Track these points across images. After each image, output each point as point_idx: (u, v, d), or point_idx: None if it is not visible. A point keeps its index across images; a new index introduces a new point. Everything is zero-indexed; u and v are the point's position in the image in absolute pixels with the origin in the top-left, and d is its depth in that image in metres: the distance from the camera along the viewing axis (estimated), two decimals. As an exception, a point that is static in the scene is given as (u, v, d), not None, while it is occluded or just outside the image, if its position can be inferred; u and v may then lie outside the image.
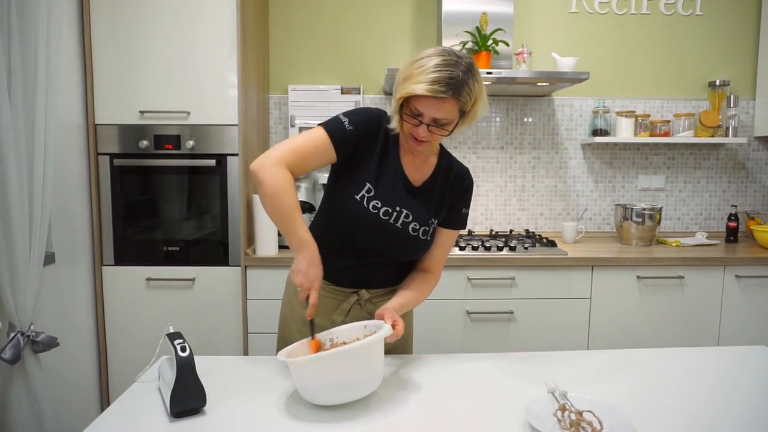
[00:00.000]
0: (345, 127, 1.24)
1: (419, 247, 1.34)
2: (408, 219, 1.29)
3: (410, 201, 1.30)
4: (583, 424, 0.97)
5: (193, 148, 2.26)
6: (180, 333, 1.12)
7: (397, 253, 1.33)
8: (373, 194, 1.26)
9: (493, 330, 2.35)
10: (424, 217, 1.32)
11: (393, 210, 1.28)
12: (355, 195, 1.26)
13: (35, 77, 1.62)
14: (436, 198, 1.34)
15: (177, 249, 2.31)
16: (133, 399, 1.14)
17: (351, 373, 1.04)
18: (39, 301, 1.75)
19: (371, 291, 1.37)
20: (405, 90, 1.16)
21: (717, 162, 2.96)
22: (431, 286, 1.39)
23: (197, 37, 2.22)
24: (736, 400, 1.14)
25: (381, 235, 1.28)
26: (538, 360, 1.36)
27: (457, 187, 1.37)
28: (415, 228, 1.30)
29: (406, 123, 1.22)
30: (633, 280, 2.35)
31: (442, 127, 1.20)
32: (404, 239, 1.30)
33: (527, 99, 2.89)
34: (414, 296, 1.33)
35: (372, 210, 1.26)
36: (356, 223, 1.27)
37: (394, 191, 1.29)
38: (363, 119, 1.27)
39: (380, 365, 1.10)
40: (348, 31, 2.81)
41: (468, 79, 1.16)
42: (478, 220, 2.94)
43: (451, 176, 1.36)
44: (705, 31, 2.89)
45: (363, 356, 1.05)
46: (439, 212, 1.36)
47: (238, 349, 2.33)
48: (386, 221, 1.27)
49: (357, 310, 1.37)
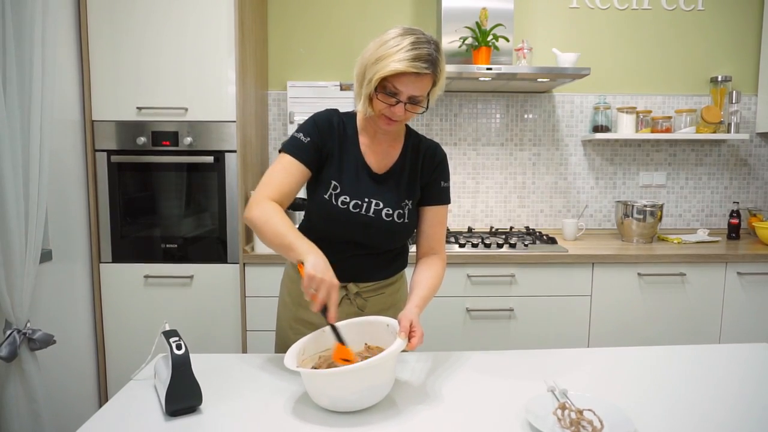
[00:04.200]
0: (302, 141, 1.29)
1: (398, 232, 1.35)
2: (379, 207, 1.32)
3: (377, 189, 1.33)
4: (583, 422, 0.96)
5: (191, 144, 2.24)
6: (176, 331, 1.11)
7: (378, 241, 1.35)
8: (340, 190, 1.30)
9: (493, 327, 2.33)
10: (396, 201, 1.33)
11: (362, 201, 1.31)
12: (324, 195, 1.30)
13: (31, 73, 1.61)
14: (405, 180, 1.36)
15: (175, 246, 2.29)
16: (128, 397, 1.12)
17: (363, 386, 1.03)
18: (36, 299, 1.74)
19: (359, 285, 1.38)
20: (385, 69, 1.16)
21: (719, 158, 2.95)
22: (440, 267, 1.39)
23: (195, 32, 2.20)
24: (738, 398, 1.13)
25: (356, 227, 1.32)
26: (537, 358, 1.35)
27: (428, 164, 1.38)
28: (388, 213, 1.32)
29: (381, 103, 1.22)
30: (634, 277, 2.34)
31: (417, 104, 1.23)
32: (379, 227, 1.32)
33: (527, 95, 2.87)
34: (430, 283, 1.33)
35: (341, 206, 1.30)
36: (330, 220, 1.32)
37: (359, 183, 1.32)
38: (315, 125, 1.31)
39: (392, 377, 1.10)
40: (347, 26, 2.79)
41: (438, 55, 1.22)
42: (478, 217, 2.92)
43: (421, 154, 1.38)
44: (707, 27, 2.87)
45: (376, 371, 1.04)
46: (412, 193, 1.37)
47: (236, 347, 2.32)
48: (357, 213, 1.31)
49: (347, 305, 1.37)
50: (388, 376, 1.08)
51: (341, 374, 1.02)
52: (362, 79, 1.24)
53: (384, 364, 1.04)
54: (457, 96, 2.85)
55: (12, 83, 1.54)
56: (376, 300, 1.41)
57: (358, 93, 1.28)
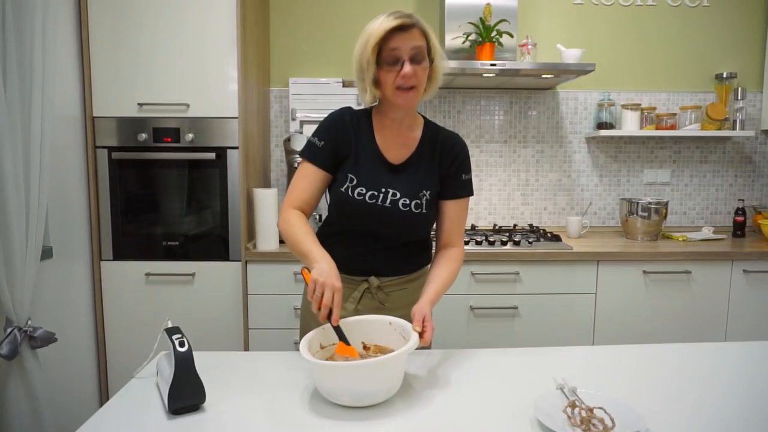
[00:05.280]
0: (317, 145, 1.33)
1: (416, 222, 1.35)
2: (396, 197, 1.32)
3: (393, 179, 1.33)
4: (594, 420, 0.94)
5: (192, 141, 2.22)
6: (179, 328, 1.09)
7: (396, 231, 1.36)
8: (356, 182, 1.32)
9: (498, 325, 2.32)
10: (413, 191, 1.33)
11: (378, 192, 1.31)
12: (341, 188, 1.32)
13: (31, 68, 1.59)
14: (422, 170, 1.36)
15: (176, 244, 2.28)
16: (130, 395, 1.11)
17: (373, 382, 1.03)
18: (36, 297, 1.73)
19: (381, 279, 1.39)
20: (374, 38, 1.23)
21: (724, 155, 2.92)
22: (457, 260, 1.40)
23: (197, 28, 2.18)
24: (747, 396, 1.11)
25: (373, 218, 1.32)
26: (543, 355, 1.33)
27: (446, 154, 1.38)
28: (405, 203, 1.32)
29: (388, 75, 1.25)
30: (639, 274, 2.32)
31: (421, 62, 1.25)
32: (396, 217, 1.32)
33: (531, 92, 2.85)
34: (445, 277, 1.34)
35: (357, 197, 1.31)
36: (348, 212, 1.34)
37: (375, 173, 1.33)
38: (328, 126, 1.35)
39: (401, 374, 1.09)
40: (349, 23, 2.77)
41: (419, 19, 1.27)
42: (481, 215, 2.91)
43: (438, 145, 1.38)
44: (712, 23, 2.85)
45: (387, 368, 1.04)
46: (429, 183, 1.36)
47: (238, 345, 2.30)
48: (374, 204, 1.31)
49: (368, 299, 1.39)
50: (401, 371, 1.09)
51: (361, 366, 1.02)
52: (361, 67, 1.28)
53: (400, 359, 1.05)
54: (460, 93, 2.83)
55: (12, 79, 1.52)
56: (399, 295, 1.41)
57: (362, 87, 1.30)
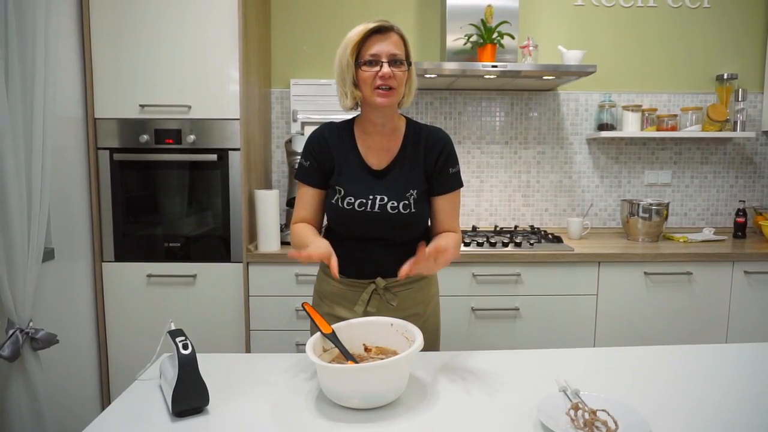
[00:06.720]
0: (305, 165, 1.42)
1: (407, 222, 1.38)
2: (383, 201, 1.36)
3: (378, 185, 1.38)
4: (597, 423, 0.94)
5: (194, 142, 2.22)
6: (182, 330, 1.09)
7: (391, 233, 1.39)
8: (344, 193, 1.37)
9: (499, 327, 2.32)
10: (399, 193, 1.37)
11: (366, 199, 1.36)
12: (332, 200, 1.39)
13: (33, 70, 1.59)
14: (407, 170, 1.39)
15: (178, 245, 2.28)
16: (133, 398, 1.11)
17: (383, 384, 1.03)
18: (38, 298, 1.72)
19: (387, 279, 1.41)
20: (353, 40, 1.29)
21: (724, 157, 2.93)
22: (455, 237, 1.42)
23: (198, 30, 2.18)
24: (749, 398, 1.11)
25: (366, 225, 1.37)
26: (545, 357, 1.33)
27: (431, 151, 1.40)
28: (393, 206, 1.36)
29: (368, 73, 1.29)
30: (640, 276, 2.32)
31: (400, 65, 1.31)
32: (387, 220, 1.36)
33: (532, 93, 2.85)
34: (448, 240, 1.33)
35: (347, 207, 1.37)
36: (342, 222, 1.40)
37: (360, 182, 1.38)
38: (309, 146, 1.42)
39: (407, 374, 1.10)
40: (351, 24, 2.73)
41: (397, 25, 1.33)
42: (482, 216, 2.91)
43: (422, 142, 1.41)
44: (713, 24, 2.85)
45: (398, 369, 1.04)
46: (415, 182, 1.39)
47: (240, 347, 2.30)
48: (363, 211, 1.36)
49: (376, 300, 1.41)
50: (408, 372, 1.10)
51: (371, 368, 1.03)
52: (341, 70, 1.33)
53: (409, 360, 1.06)
54: (461, 94, 2.84)
55: (14, 80, 1.52)
56: (406, 295, 1.44)
57: (343, 91, 1.35)
